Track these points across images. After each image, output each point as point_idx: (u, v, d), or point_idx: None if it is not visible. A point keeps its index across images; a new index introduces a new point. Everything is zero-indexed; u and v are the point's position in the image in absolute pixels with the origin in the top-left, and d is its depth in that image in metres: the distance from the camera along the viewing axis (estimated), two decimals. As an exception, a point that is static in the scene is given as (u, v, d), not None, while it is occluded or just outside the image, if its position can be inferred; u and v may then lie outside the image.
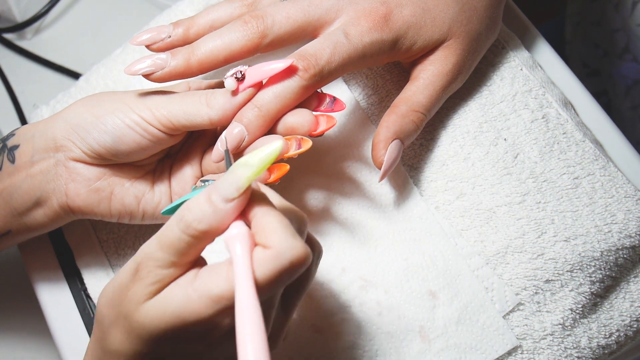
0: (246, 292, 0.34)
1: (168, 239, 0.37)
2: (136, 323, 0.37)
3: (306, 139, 0.45)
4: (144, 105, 0.46)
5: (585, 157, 0.52)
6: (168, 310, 0.36)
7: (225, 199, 0.36)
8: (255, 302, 0.34)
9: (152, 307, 0.37)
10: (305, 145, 0.45)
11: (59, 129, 0.47)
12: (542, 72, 0.56)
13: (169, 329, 0.37)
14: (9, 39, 0.72)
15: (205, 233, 0.36)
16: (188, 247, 0.37)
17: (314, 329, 0.50)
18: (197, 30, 0.49)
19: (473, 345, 0.49)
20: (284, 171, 0.45)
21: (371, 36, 0.46)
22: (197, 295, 0.36)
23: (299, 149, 0.45)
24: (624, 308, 0.50)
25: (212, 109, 0.45)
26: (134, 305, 0.37)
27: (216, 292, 0.36)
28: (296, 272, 0.36)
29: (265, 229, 0.36)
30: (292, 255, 0.35)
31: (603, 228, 0.50)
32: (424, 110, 0.49)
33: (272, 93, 0.45)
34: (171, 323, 0.36)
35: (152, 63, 0.46)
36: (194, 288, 0.36)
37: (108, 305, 0.39)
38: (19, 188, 0.48)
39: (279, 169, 0.45)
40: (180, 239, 0.37)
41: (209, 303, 0.36)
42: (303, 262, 0.36)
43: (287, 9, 0.47)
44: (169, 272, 0.37)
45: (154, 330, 0.37)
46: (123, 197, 0.48)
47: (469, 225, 0.51)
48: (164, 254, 0.37)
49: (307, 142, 0.45)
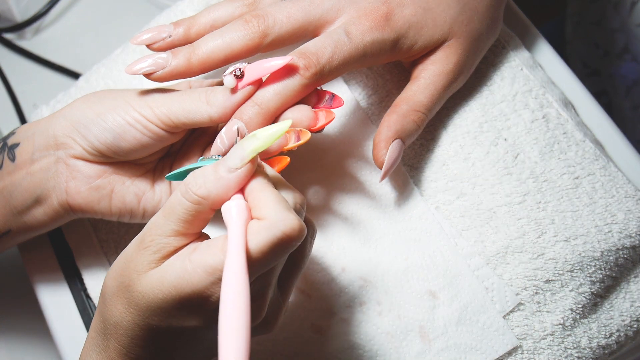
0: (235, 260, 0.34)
1: (171, 206, 0.38)
2: (136, 292, 0.38)
3: (305, 131, 0.45)
4: (144, 103, 0.46)
5: (586, 157, 0.52)
6: (166, 281, 0.37)
7: (229, 168, 0.37)
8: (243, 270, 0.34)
9: (152, 277, 0.37)
10: (304, 137, 0.45)
11: (60, 127, 0.47)
12: (542, 72, 0.56)
13: (167, 300, 0.37)
14: (9, 39, 0.72)
15: (204, 199, 0.37)
16: (188, 214, 0.38)
17: (314, 329, 0.50)
18: (198, 29, 0.49)
19: (473, 346, 0.49)
20: (284, 164, 0.45)
21: (372, 35, 0.46)
22: (192, 267, 0.36)
23: (298, 141, 0.45)
24: (624, 308, 0.50)
25: (212, 107, 0.45)
26: (136, 274, 0.38)
27: (211, 263, 0.36)
28: (290, 244, 0.37)
29: (261, 202, 0.37)
30: (285, 226, 0.36)
31: (603, 228, 0.50)
32: (425, 109, 0.49)
33: (272, 91, 0.45)
34: (168, 294, 0.37)
35: (153, 62, 0.46)
36: (190, 259, 0.37)
37: (112, 277, 0.40)
38: (19, 186, 0.48)
39: (280, 162, 0.45)
40: (181, 204, 0.38)
41: (204, 274, 0.36)
42: (297, 234, 0.36)
43: (288, 8, 0.47)
44: (171, 241, 0.38)
45: (152, 300, 0.37)
46: (124, 195, 0.48)
47: (469, 225, 0.51)
48: (166, 221, 0.38)
49: (306, 134, 0.45)
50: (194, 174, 0.38)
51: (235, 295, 0.33)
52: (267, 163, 0.46)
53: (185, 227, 0.38)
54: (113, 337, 0.40)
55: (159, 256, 0.38)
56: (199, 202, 0.38)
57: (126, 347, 0.39)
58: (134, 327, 0.39)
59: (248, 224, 0.37)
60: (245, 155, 0.37)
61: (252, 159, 0.38)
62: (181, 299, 0.37)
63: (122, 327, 0.39)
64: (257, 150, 0.37)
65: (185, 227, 0.38)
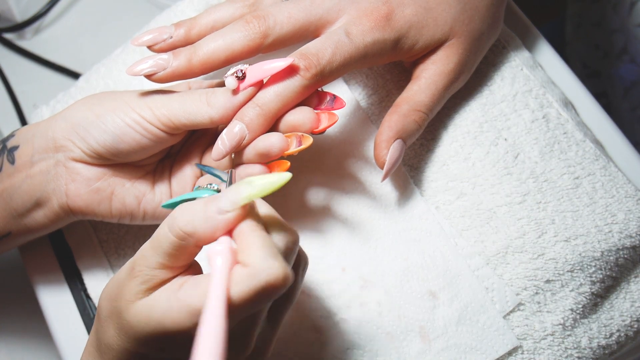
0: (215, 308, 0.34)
1: (158, 238, 0.38)
2: (125, 321, 0.38)
3: (306, 136, 0.45)
4: (144, 104, 0.46)
5: (586, 157, 0.52)
6: (152, 316, 0.37)
7: (219, 209, 0.37)
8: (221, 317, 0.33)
9: (140, 309, 0.37)
10: (305, 142, 0.45)
11: (59, 129, 0.47)
12: (542, 72, 0.56)
13: (153, 334, 0.37)
14: (9, 39, 0.72)
15: (190, 235, 0.37)
16: (174, 248, 0.37)
17: (314, 329, 0.50)
18: (199, 30, 0.49)
19: (473, 346, 0.49)
20: (284, 168, 0.45)
21: (373, 36, 0.46)
22: (177, 306, 0.36)
23: (299, 146, 0.45)
24: (625, 308, 0.50)
25: (213, 108, 0.45)
26: (125, 303, 0.38)
27: (195, 305, 0.36)
28: (273, 293, 0.36)
29: (247, 247, 0.36)
30: (268, 275, 0.35)
31: (603, 228, 0.50)
32: (426, 109, 0.49)
33: (273, 92, 0.45)
34: (154, 329, 0.37)
35: (154, 63, 0.46)
36: (176, 297, 0.37)
37: (106, 299, 0.40)
38: (18, 189, 0.48)
39: (280, 166, 0.45)
40: (167, 239, 0.37)
41: (187, 315, 0.36)
42: (280, 283, 0.35)
43: (289, 8, 0.47)
44: (157, 273, 0.38)
45: (139, 332, 0.37)
46: (124, 197, 0.48)
47: (469, 225, 0.51)
48: (153, 254, 0.38)
49: (308, 139, 0.45)
50: (182, 208, 0.37)
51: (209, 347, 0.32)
52: (268, 167, 0.46)
53: (171, 261, 0.38)
54: (107, 356, 0.40)
55: (147, 287, 0.38)
56: (184, 239, 0.37)
57: None
58: (125, 352, 0.39)
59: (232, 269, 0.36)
60: (238, 201, 0.36)
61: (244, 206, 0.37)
62: (166, 334, 0.37)
63: (114, 349, 0.39)
64: (251, 198, 0.36)
65: (171, 261, 0.38)
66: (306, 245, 0.52)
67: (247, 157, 0.46)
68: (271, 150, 0.45)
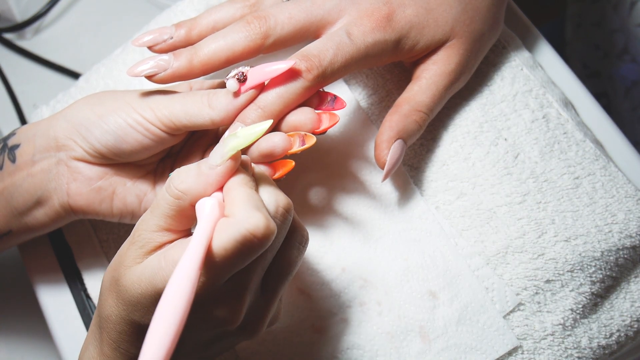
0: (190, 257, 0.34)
1: (157, 201, 0.39)
2: (122, 287, 0.38)
3: (310, 136, 0.45)
4: (146, 105, 0.46)
5: (586, 157, 0.52)
6: (144, 277, 0.37)
7: (210, 165, 0.38)
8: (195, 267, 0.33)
9: (135, 271, 0.38)
10: (309, 141, 0.45)
11: (61, 128, 0.47)
12: (542, 72, 0.56)
13: (145, 294, 0.37)
14: (9, 39, 0.72)
15: (184, 193, 0.38)
16: (171, 209, 0.38)
17: (314, 329, 0.50)
18: (200, 31, 0.49)
19: (473, 346, 0.49)
20: (289, 168, 0.45)
21: (374, 36, 0.46)
22: (165, 263, 0.37)
23: (302, 145, 0.45)
24: (625, 308, 0.50)
25: (214, 110, 0.45)
26: (123, 269, 0.39)
27: None
28: (256, 243, 0.36)
29: (233, 200, 0.37)
30: (249, 224, 0.35)
31: (603, 228, 0.50)
32: (426, 110, 0.49)
33: (275, 94, 0.45)
34: (145, 289, 0.37)
35: (154, 64, 0.46)
36: (165, 256, 0.37)
37: (108, 272, 0.40)
38: (19, 187, 0.48)
39: (284, 166, 0.45)
40: (164, 199, 0.38)
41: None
42: (262, 232, 0.36)
43: (290, 9, 0.47)
44: (155, 236, 0.38)
45: (132, 295, 0.38)
46: (125, 196, 0.48)
47: (469, 225, 0.51)
48: (152, 216, 0.39)
49: (311, 138, 0.45)
50: (178, 170, 0.39)
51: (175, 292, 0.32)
52: (271, 166, 0.46)
53: (168, 223, 0.38)
54: (105, 330, 0.40)
55: (144, 251, 0.38)
56: (179, 197, 0.38)
57: (116, 341, 0.40)
58: (121, 321, 0.39)
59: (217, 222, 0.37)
60: (225, 152, 0.38)
61: (233, 156, 0.38)
62: (156, 294, 0.37)
63: (112, 321, 0.39)
64: (236, 148, 0.38)
65: (168, 223, 0.38)
66: (306, 245, 0.52)
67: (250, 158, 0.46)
68: (274, 151, 0.45)
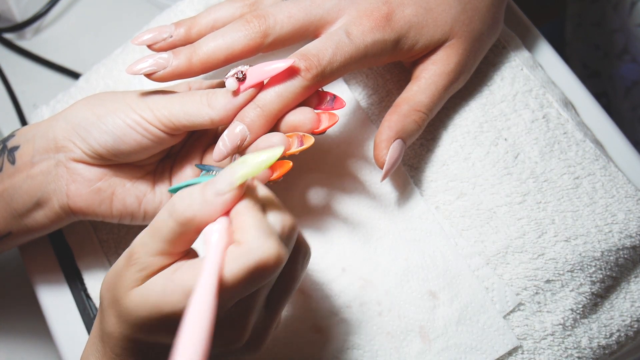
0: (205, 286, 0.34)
1: (157, 225, 0.38)
2: (124, 308, 0.38)
3: (308, 136, 0.45)
4: (145, 105, 0.46)
5: (586, 157, 0.52)
6: (149, 300, 0.37)
7: (216, 192, 0.37)
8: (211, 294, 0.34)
9: (137, 294, 0.38)
10: (307, 142, 0.45)
11: (60, 130, 0.47)
12: (542, 72, 0.56)
13: (150, 318, 0.37)
14: (9, 39, 0.72)
15: (190, 220, 0.37)
16: (174, 234, 0.37)
17: (314, 329, 0.50)
18: (199, 30, 0.49)
19: (473, 346, 0.49)
20: (286, 168, 0.45)
21: (373, 36, 0.46)
22: (173, 287, 0.36)
23: (300, 146, 0.45)
24: (625, 308, 0.50)
25: (213, 109, 0.45)
26: (124, 290, 0.38)
27: (189, 286, 0.36)
28: (266, 272, 0.36)
29: (242, 226, 0.37)
30: (262, 253, 0.36)
31: (604, 228, 0.50)
32: (425, 109, 0.49)
33: (274, 93, 0.45)
34: (151, 312, 0.37)
35: (154, 62, 0.46)
36: (171, 279, 0.37)
37: (106, 288, 0.40)
38: (19, 189, 0.48)
39: (282, 166, 0.45)
40: (167, 225, 0.37)
41: (182, 296, 0.36)
42: (273, 261, 0.36)
43: (289, 8, 0.47)
44: (157, 260, 0.38)
45: (137, 317, 0.38)
46: (124, 197, 0.48)
47: (469, 225, 0.51)
48: (152, 240, 0.38)
49: (309, 139, 0.45)
50: (181, 194, 0.38)
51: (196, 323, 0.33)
52: (270, 167, 0.46)
53: (170, 247, 0.38)
54: (108, 345, 0.40)
55: (144, 274, 0.38)
56: (184, 224, 0.37)
57: (120, 356, 0.40)
58: (125, 339, 0.39)
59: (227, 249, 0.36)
60: (234, 180, 0.37)
61: (241, 184, 0.37)
62: (162, 317, 0.37)
63: (115, 337, 0.39)
64: (246, 177, 0.37)
65: (170, 247, 0.38)
66: (306, 245, 0.52)
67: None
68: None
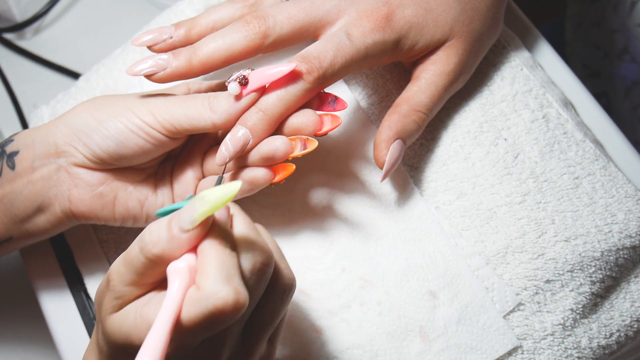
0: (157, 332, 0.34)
1: (130, 256, 0.38)
2: (105, 330, 0.39)
3: (312, 139, 0.45)
4: (146, 109, 0.46)
5: (586, 157, 0.52)
6: (122, 329, 0.37)
7: (181, 228, 0.36)
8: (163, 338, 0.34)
9: (113, 322, 0.38)
10: (310, 145, 0.45)
11: (61, 135, 0.47)
12: (542, 72, 0.56)
13: (124, 346, 0.38)
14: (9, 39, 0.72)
15: (158, 257, 0.37)
16: (144, 268, 0.37)
17: (314, 329, 0.50)
18: (199, 31, 0.49)
19: (473, 346, 0.49)
20: (289, 171, 0.45)
21: (373, 37, 0.46)
22: (140, 322, 0.37)
23: (304, 149, 0.45)
24: (625, 308, 0.50)
25: (216, 114, 0.45)
26: (104, 313, 0.39)
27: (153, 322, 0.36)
28: (225, 317, 0.35)
29: (203, 268, 0.36)
30: (217, 299, 0.35)
31: (603, 228, 0.50)
32: (425, 110, 0.49)
33: (276, 96, 0.45)
34: (125, 341, 0.38)
35: (154, 63, 0.46)
36: (140, 314, 0.37)
37: (97, 303, 0.40)
38: (19, 194, 0.48)
39: (285, 169, 0.45)
40: (137, 259, 0.37)
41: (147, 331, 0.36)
42: (229, 309, 0.35)
43: (289, 9, 0.47)
44: (130, 290, 0.38)
45: (115, 342, 0.38)
46: (127, 201, 0.48)
47: (469, 225, 0.51)
48: (125, 271, 0.38)
49: (313, 142, 0.45)
50: (150, 229, 0.37)
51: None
52: (273, 170, 0.46)
53: (142, 279, 0.38)
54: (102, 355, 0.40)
55: (120, 302, 0.38)
56: (153, 261, 0.37)
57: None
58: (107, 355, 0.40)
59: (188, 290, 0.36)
60: (195, 219, 0.36)
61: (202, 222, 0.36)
62: (134, 347, 0.37)
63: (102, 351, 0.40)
64: (205, 214, 0.36)
65: (142, 279, 0.38)
66: (306, 245, 0.52)
67: (251, 161, 0.46)
68: (276, 154, 0.45)
